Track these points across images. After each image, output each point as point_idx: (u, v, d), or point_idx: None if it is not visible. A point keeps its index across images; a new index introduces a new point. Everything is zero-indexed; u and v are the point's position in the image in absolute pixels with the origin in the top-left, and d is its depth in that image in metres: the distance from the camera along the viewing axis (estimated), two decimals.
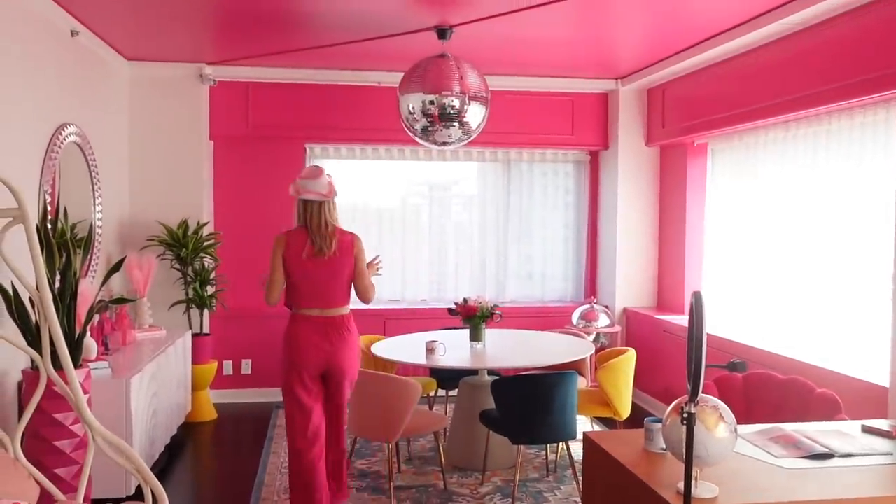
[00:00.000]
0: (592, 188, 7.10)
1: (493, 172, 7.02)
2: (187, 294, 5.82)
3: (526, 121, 6.69)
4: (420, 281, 6.96)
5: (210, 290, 5.91)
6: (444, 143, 5.08)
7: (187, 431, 5.49)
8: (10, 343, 2.84)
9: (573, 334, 5.58)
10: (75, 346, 3.62)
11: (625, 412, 4.62)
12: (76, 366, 3.63)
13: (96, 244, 5.08)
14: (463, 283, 6.98)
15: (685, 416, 1.96)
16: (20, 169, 3.86)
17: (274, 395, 6.44)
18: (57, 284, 3.61)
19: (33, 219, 2.72)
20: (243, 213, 6.35)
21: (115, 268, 3.89)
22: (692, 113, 5.84)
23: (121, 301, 4.02)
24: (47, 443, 3.55)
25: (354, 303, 3.94)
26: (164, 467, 4.75)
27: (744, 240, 5.54)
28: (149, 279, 5.46)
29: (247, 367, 6.47)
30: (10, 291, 3.54)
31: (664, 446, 2.61)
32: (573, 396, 4.14)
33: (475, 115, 4.85)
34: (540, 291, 7.11)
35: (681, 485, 2.20)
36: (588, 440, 2.80)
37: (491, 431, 4.36)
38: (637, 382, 5.06)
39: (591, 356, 4.97)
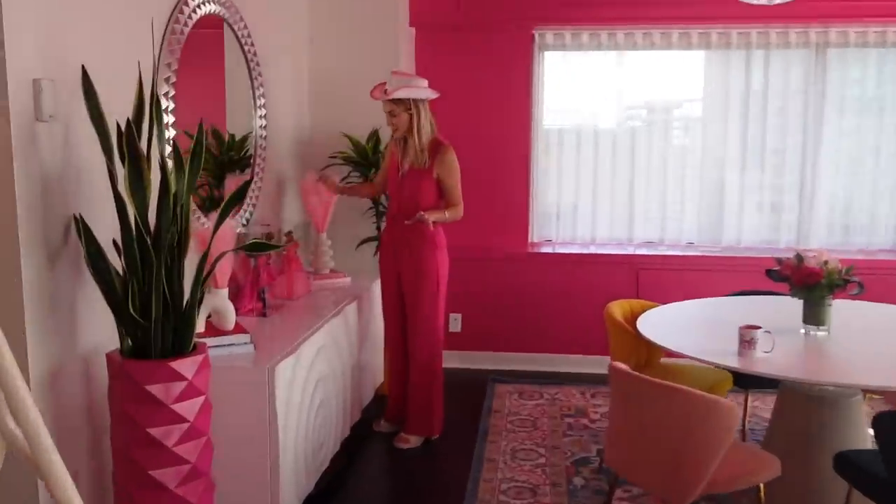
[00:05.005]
0: None
1: (797, 64, 4.83)
2: (379, 229, 4.42)
3: None
4: (685, 218, 5.06)
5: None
6: None
7: (380, 406, 4.13)
8: None
9: None
10: (183, 320, 2.27)
11: None
12: (184, 351, 2.29)
13: (259, 162, 3.79)
14: (746, 224, 4.98)
15: None
16: (119, 47, 2.53)
17: (489, 360, 5.01)
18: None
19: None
20: (454, 121, 4.73)
21: (238, 195, 2.41)
22: None
23: (259, 248, 2.59)
24: None
25: None
26: (340, 469, 3.45)
27: None
28: (329, 209, 4.11)
29: (456, 323, 5.04)
30: None
31: None
32: None
33: None
34: (865, 237, 4.92)
35: None
36: None
37: (854, 490, 2.52)
38: None
39: None
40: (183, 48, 2.93)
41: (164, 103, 2.79)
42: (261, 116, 3.79)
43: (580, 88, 4.97)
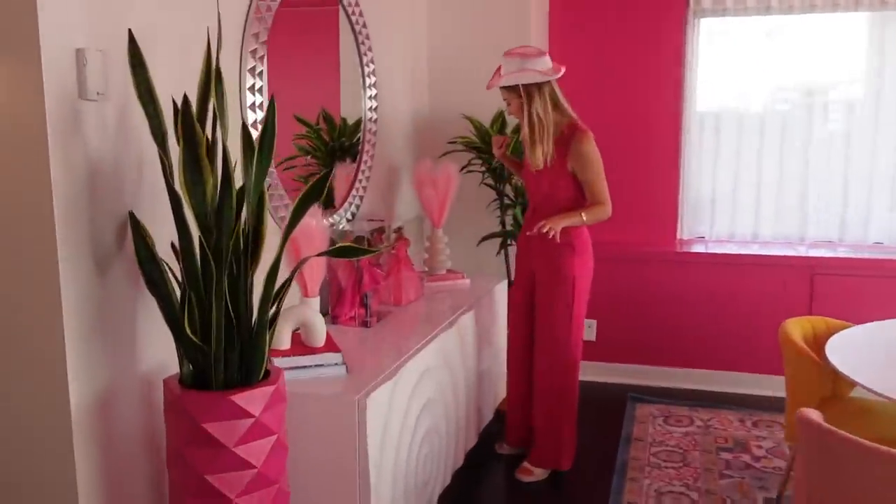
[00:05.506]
0: None
1: None
2: (504, 224, 3.92)
3: None
4: (872, 214, 4.20)
5: None
6: None
7: (504, 423, 3.56)
8: None
9: None
10: (250, 343, 1.86)
11: None
12: (251, 380, 1.88)
13: (367, 149, 3.37)
14: None
15: None
16: (190, 10, 2.15)
17: (628, 374, 4.41)
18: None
19: None
20: (593, 100, 4.12)
21: (315, 190, 1.93)
22: None
23: (346, 253, 2.12)
24: None
25: None
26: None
27: None
28: (447, 202, 3.63)
29: (591, 330, 4.45)
30: None
31: None
32: None
33: None
34: None
35: None
36: None
37: None
38: None
39: None
40: (278, 18, 2.54)
41: (249, 80, 2.41)
42: (370, 98, 3.37)
43: (736, 62, 4.22)
